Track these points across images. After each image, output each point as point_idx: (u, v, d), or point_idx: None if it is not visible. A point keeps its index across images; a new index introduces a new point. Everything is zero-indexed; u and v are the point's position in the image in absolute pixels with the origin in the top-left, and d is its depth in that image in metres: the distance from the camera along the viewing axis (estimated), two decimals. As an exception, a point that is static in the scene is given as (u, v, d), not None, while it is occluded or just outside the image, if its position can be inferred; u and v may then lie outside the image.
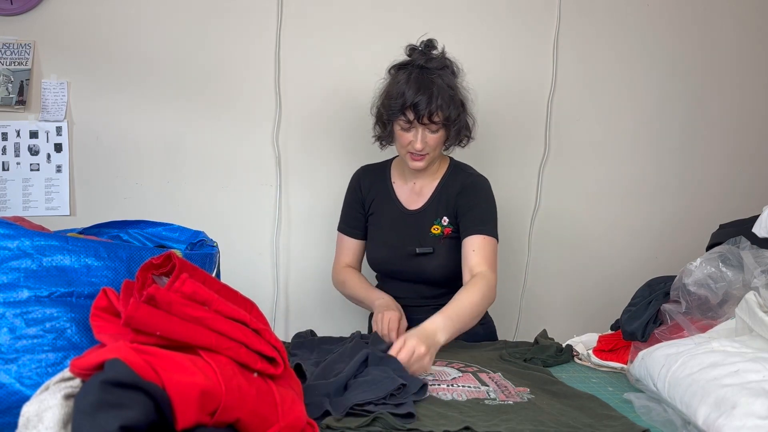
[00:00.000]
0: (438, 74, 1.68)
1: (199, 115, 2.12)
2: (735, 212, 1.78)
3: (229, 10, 2.11)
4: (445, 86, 1.67)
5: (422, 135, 1.69)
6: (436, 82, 1.66)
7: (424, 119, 1.65)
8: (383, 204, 1.84)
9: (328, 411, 1.14)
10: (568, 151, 2.33)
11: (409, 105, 1.65)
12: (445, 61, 1.72)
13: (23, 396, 0.93)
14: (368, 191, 1.87)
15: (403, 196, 1.84)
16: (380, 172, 1.89)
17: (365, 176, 1.89)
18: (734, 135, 2.43)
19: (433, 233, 1.77)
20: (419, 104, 1.64)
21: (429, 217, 1.79)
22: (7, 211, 2.03)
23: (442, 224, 1.77)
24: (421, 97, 1.64)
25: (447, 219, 1.77)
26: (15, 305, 0.98)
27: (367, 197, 1.87)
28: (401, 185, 1.85)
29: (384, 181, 1.86)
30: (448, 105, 1.66)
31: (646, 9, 2.33)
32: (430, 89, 1.64)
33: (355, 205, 1.88)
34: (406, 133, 1.71)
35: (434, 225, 1.77)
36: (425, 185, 1.82)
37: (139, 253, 1.05)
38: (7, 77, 2.02)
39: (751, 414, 1.03)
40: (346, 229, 1.91)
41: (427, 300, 1.79)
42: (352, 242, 1.90)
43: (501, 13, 2.25)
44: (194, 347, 0.88)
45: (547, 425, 1.14)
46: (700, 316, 1.42)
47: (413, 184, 1.83)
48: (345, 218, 1.91)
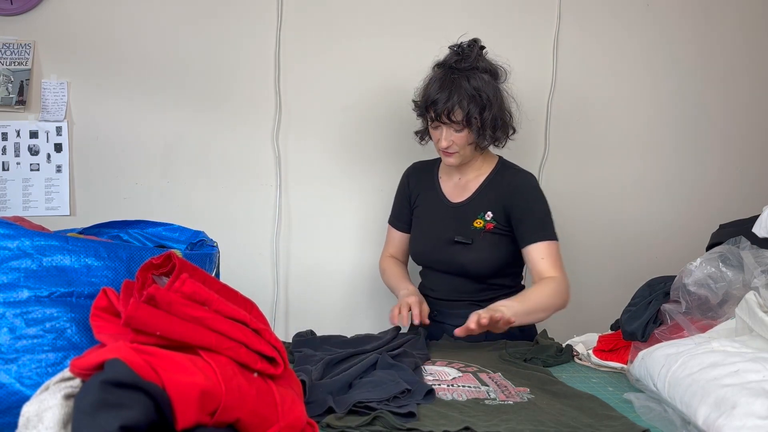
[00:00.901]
0: (465, 75, 1.72)
1: (199, 114, 2.12)
2: (735, 212, 1.78)
3: (229, 10, 2.11)
4: (469, 86, 1.71)
5: (447, 133, 1.75)
6: (459, 82, 1.71)
7: (442, 117, 1.72)
8: (429, 197, 1.91)
9: (331, 408, 1.14)
10: (568, 151, 2.33)
11: (429, 103, 1.74)
12: (477, 62, 1.74)
13: (23, 396, 0.93)
14: (415, 186, 1.95)
15: (448, 189, 1.89)
16: (429, 168, 1.96)
17: (414, 172, 1.98)
18: (734, 135, 2.43)
19: (474, 226, 1.81)
20: (437, 102, 1.71)
21: (472, 210, 1.83)
22: (7, 211, 2.03)
23: (485, 219, 1.80)
24: (439, 96, 1.71)
25: (491, 214, 1.80)
26: (15, 305, 0.98)
27: (413, 192, 1.95)
28: (446, 180, 1.91)
29: (431, 176, 1.94)
30: (467, 104, 1.70)
31: (646, 9, 2.33)
32: (449, 88, 1.70)
33: (402, 200, 1.98)
34: (435, 131, 1.80)
35: (477, 219, 1.81)
36: (470, 180, 1.87)
37: (139, 253, 1.05)
38: (7, 77, 2.02)
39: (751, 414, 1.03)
40: (393, 222, 2.00)
41: (463, 295, 1.83)
42: (398, 234, 2.00)
43: (501, 13, 2.25)
44: (194, 347, 0.88)
45: (547, 425, 1.14)
46: (700, 316, 1.42)
47: (458, 179, 1.89)
48: (394, 211, 2.01)
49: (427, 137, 1.91)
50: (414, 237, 1.94)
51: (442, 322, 1.83)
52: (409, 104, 1.95)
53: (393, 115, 2.20)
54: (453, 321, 1.80)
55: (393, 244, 2.02)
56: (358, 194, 2.23)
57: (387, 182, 2.17)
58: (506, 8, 2.25)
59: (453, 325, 1.77)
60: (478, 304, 1.74)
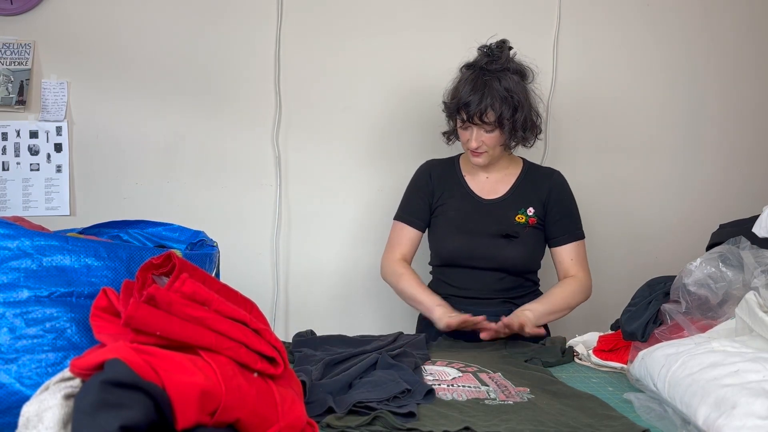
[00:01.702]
0: (496, 76, 1.74)
1: (199, 114, 2.12)
2: (735, 212, 1.78)
3: (229, 10, 2.11)
4: (501, 88, 1.73)
5: (477, 134, 1.77)
6: (490, 84, 1.73)
7: (475, 119, 1.73)
8: (455, 195, 1.89)
9: (331, 408, 1.14)
10: (568, 151, 2.33)
11: (461, 105, 1.74)
12: (508, 63, 1.77)
13: (23, 396, 0.93)
14: (438, 183, 1.91)
15: (477, 187, 1.89)
16: (449, 166, 1.94)
17: (435, 169, 1.94)
18: (734, 135, 2.43)
19: (517, 221, 1.82)
20: (470, 104, 1.73)
21: (512, 206, 1.85)
22: (7, 211, 2.03)
23: (528, 214, 1.83)
24: (472, 97, 1.73)
25: (533, 209, 1.83)
26: (15, 305, 0.98)
27: (437, 189, 1.90)
28: (472, 178, 1.90)
29: (454, 174, 1.92)
30: (500, 106, 1.72)
31: (646, 9, 2.33)
32: (482, 90, 1.72)
33: (422, 195, 1.91)
34: (464, 132, 1.81)
35: (519, 214, 1.83)
36: (499, 179, 1.89)
37: (139, 253, 1.05)
38: (7, 77, 2.02)
39: (751, 414, 1.03)
40: (407, 219, 1.92)
41: (496, 293, 1.83)
42: (411, 232, 1.91)
43: (501, 13, 2.25)
44: (194, 347, 0.87)
45: (547, 425, 1.14)
46: (700, 316, 1.42)
47: (485, 177, 1.89)
48: (407, 208, 1.93)
49: (453, 137, 1.92)
50: (444, 234, 1.87)
51: None
52: (409, 104, 1.96)
53: (393, 115, 2.21)
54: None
55: (405, 243, 1.91)
56: (358, 194, 2.23)
57: (387, 182, 2.17)
58: (506, 8, 2.25)
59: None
60: (511, 302, 1.83)
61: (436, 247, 1.91)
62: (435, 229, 1.90)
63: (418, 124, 2.21)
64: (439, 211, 1.89)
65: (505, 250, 1.81)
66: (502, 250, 1.81)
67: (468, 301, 1.84)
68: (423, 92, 2.19)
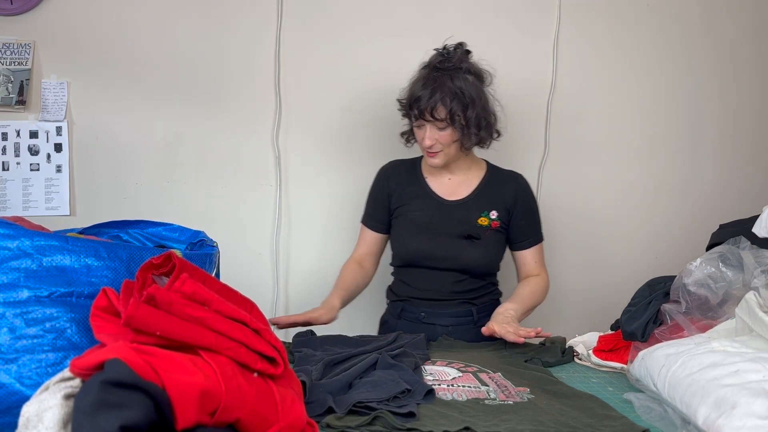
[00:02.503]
0: (449, 74, 1.74)
1: (199, 114, 2.12)
2: (735, 212, 1.78)
3: (229, 10, 2.11)
4: (452, 85, 1.73)
5: (430, 132, 1.76)
6: (442, 80, 1.73)
7: (426, 115, 1.73)
8: (416, 196, 1.88)
9: (331, 408, 1.14)
10: (568, 151, 2.33)
11: (413, 100, 1.75)
12: (461, 63, 1.77)
13: (23, 396, 0.93)
14: (397, 185, 1.90)
15: (440, 188, 1.88)
16: (410, 167, 1.93)
17: (394, 171, 1.94)
18: (734, 135, 2.43)
19: (479, 223, 1.82)
20: (420, 99, 1.73)
21: (475, 208, 1.84)
22: (7, 211, 2.03)
23: (491, 217, 1.83)
24: (423, 93, 1.73)
25: (496, 213, 1.84)
26: (15, 305, 0.98)
27: (395, 191, 1.90)
28: (434, 179, 1.90)
29: (415, 175, 1.91)
30: (450, 101, 1.72)
31: (646, 9, 2.33)
32: (432, 86, 1.72)
33: (380, 199, 1.92)
34: (419, 131, 1.80)
35: (481, 216, 1.83)
36: (462, 181, 1.88)
37: (139, 253, 1.05)
38: (7, 77, 2.02)
39: (751, 414, 1.03)
40: (368, 222, 1.95)
41: (456, 294, 1.83)
42: (371, 235, 1.94)
43: (501, 13, 2.25)
44: (194, 347, 0.87)
45: (547, 425, 1.14)
46: (700, 316, 1.42)
47: (448, 179, 1.89)
48: (368, 211, 1.96)
49: (412, 139, 1.90)
50: (405, 235, 1.87)
51: (433, 324, 1.83)
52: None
53: (393, 115, 2.20)
54: (444, 321, 1.82)
55: (363, 244, 1.96)
56: (358, 194, 2.22)
57: (387, 182, 2.16)
58: (506, 8, 2.25)
59: (444, 327, 1.79)
60: (471, 302, 1.84)
61: (398, 247, 1.90)
62: (396, 230, 1.90)
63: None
64: (399, 212, 1.89)
65: (466, 251, 1.81)
66: (463, 251, 1.81)
67: (427, 302, 1.84)
68: (423, 92, 2.19)
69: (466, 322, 1.85)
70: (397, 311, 1.89)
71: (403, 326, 1.82)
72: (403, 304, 1.88)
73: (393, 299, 1.94)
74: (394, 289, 1.94)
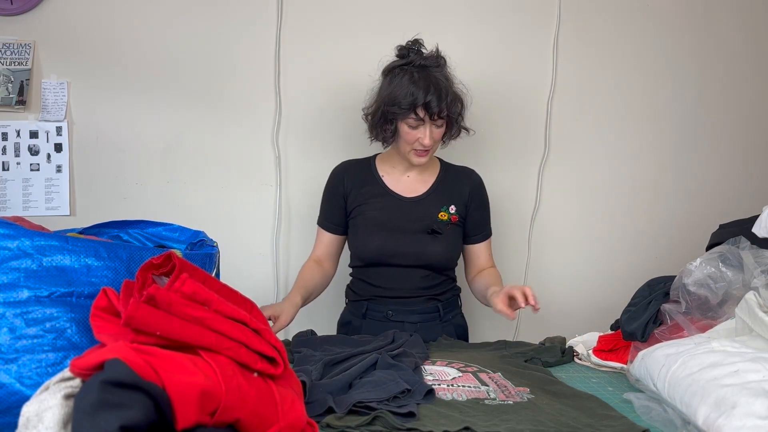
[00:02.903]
0: (437, 71, 1.75)
1: (199, 114, 2.12)
2: (735, 212, 1.78)
3: (229, 10, 2.11)
4: (448, 84, 1.75)
5: (430, 131, 1.75)
6: (440, 80, 1.74)
7: (434, 117, 1.73)
8: (373, 195, 1.86)
9: (331, 408, 1.14)
10: (568, 151, 2.33)
11: (420, 104, 1.71)
12: (439, 59, 1.78)
13: (23, 396, 0.93)
14: (352, 185, 1.88)
15: (397, 186, 1.88)
16: (364, 167, 1.92)
17: (348, 170, 1.91)
18: (734, 135, 2.43)
19: (440, 218, 1.83)
20: (431, 103, 1.71)
21: (434, 203, 1.85)
22: (7, 211, 2.03)
23: (450, 212, 1.84)
24: (432, 96, 1.71)
25: (455, 207, 1.85)
26: (15, 305, 0.98)
27: (351, 191, 1.88)
28: (390, 178, 1.89)
29: (370, 174, 1.90)
30: (454, 101, 1.75)
31: (646, 9, 2.33)
32: (438, 88, 1.72)
33: (335, 200, 1.90)
34: (414, 131, 1.76)
35: (441, 211, 1.84)
36: (418, 177, 1.89)
37: (139, 253, 1.05)
38: (7, 77, 2.02)
39: (751, 414, 1.03)
40: (324, 224, 1.93)
41: (420, 290, 1.83)
42: (327, 236, 1.92)
43: (501, 13, 2.25)
44: (194, 347, 0.88)
45: (547, 425, 1.14)
46: (700, 316, 1.42)
47: (406, 176, 1.89)
48: (324, 212, 1.93)
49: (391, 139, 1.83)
50: (365, 233, 1.83)
51: (401, 321, 1.82)
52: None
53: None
54: (412, 318, 1.82)
55: (319, 246, 1.93)
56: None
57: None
58: (506, 8, 2.25)
59: (412, 324, 1.79)
60: (436, 298, 1.84)
61: (357, 247, 1.87)
62: (355, 230, 1.87)
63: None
64: (356, 211, 1.87)
65: (429, 247, 1.81)
66: (426, 246, 1.80)
67: (393, 300, 1.83)
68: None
69: (432, 318, 1.84)
70: (362, 311, 1.86)
71: (369, 326, 1.81)
72: (368, 303, 1.85)
73: (355, 299, 1.90)
74: (354, 288, 1.91)
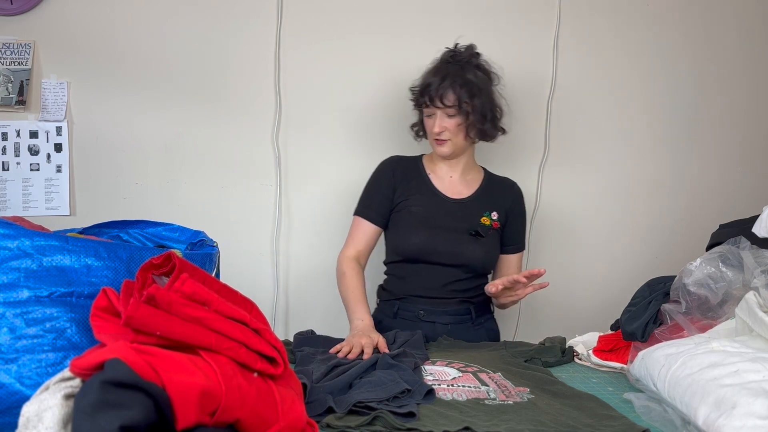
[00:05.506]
0: (459, 65, 1.83)
1: (198, 115, 2.12)
2: (735, 212, 1.78)
3: (229, 10, 2.11)
4: (462, 74, 1.80)
5: (440, 119, 1.81)
6: (452, 70, 1.81)
7: (436, 101, 1.79)
8: (420, 191, 1.89)
9: (331, 408, 1.14)
10: (568, 151, 2.33)
11: (423, 87, 1.82)
12: (471, 58, 1.85)
13: (23, 396, 0.93)
14: (402, 179, 1.90)
15: (442, 186, 1.91)
16: (412, 164, 1.95)
17: (399, 164, 1.94)
18: (734, 135, 2.43)
19: (482, 223, 1.86)
20: (431, 85, 1.80)
21: (478, 207, 1.88)
22: (7, 211, 2.03)
23: (492, 218, 1.88)
24: (433, 79, 1.80)
25: (497, 215, 1.89)
26: (15, 305, 0.98)
27: (400, 184, 1.89)
28: (437, 178, 1.92)
29: (418, 172, 1.93)
30: (459, 87, 1.79)
31: (646, 9, 2.33)
32: (443, 74, 1.80)
33: (384, 191, 1.90)
34: (429, 119, 1.85)
35: (484, 216, 1.87)
36: (464, 182, 1.92)
37: (139, 253, 1.05)
38: (7, 77, 2.02)
39: (751, 414, 1.03)
40: (366, 213, 1.89)
41: (455, 293, 1.83)
42: (370, 228, 1.89)
43: (501, 13, 2.25)
44: (194, 347, 0.88)
45: (547, 425, 1.14)
46: (700, 316, 1.42)
47: (450, 177, 1.92)
48: (368, 202, 1.91)
49: (422, 132, 1.95)
50: (408, 228, 1.83)
51: (432, 322, 1.82)
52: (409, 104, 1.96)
53: (393, 115, 2.20)
54: (443, 319, 1.82)
55: (361, 238, 1.87)
56: (357, 194, 2.22)
57: (387, 182, 2.16)
58: (506, 8, 2.25)
59: (444, 325, 1.79)
60: (469, 301, 1.84)
61: (398, 242, 1.86)
62: (397, 224, 1.87)
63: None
64: (402, 206, 1.87)
65: (470, 248, 1.82)
66: (467, 246, 1.82)
67: (425, 300, 1.83)
68: (423, 92, 2.19)
69: (464, 320, 1.84)
70: (393, 310, 1.86)
71: (399, 325, 1.81)
72: (400, 303, 1.86)
73: (386, 298, 1.91)
74: (387, 287, 1.92)
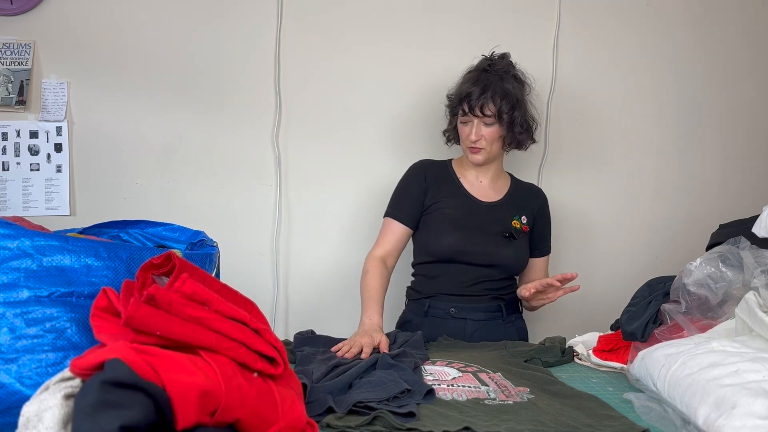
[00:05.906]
0: (498, 76, 1.85)
1: (199, 114, 2.12)
2: (735, 212, 1.78)
3: (229, 10, 2.11)
4: (502, 85, 1.83)
5: (477, 127, 1.83)
6: (492, 80, 1.83)
7: (476, 110, 1.81)
8: (451, 194, 1.91)
9: (331, 408, 1.14)
10: (568, 151, 2.33)
11: (463, 96, 1.84)
12: (508, 68, 1.88)
13: (23, 396, 0.93)
14: (434, 181, 1.93)
15: (472, 189, 1.93)
16: (443, 167, 1.98)
17: (430, 168, 1.97)
18: (734, 135, 2.43)
19: (513, 225, 1.89)
20: (471, 95, 1.82)
21: (509, 210, 1.92)
22: (7, 211, 2.03)
23: (521, 221, 1.91)
24: (474, 89, 1.82)
25: (526, 218, 1.92)
26: (15, 305, 0.98)
27: (431, 187, 1.92)
28: (467, 181, 1.95)
29: (449, 175, 1.96)
30: (500, 99, 1.81)
31: (646, 9, 2.33)
32: (484, 84, 1.82)
33: (416, 193, 1.92)
34: (465, 126, 1.87)
35: (514, 219, 1.90)
36: (493, 186, 1.96)
37: (139, 253, 1.05)
38: (7, 77, 2.02)
39: (751, 414, 1.03)
40: (397, 215, 1.91)
41: (485, 290, 1.86)
42: (400, 229, 1.90)
43: (501, 13, 2.25)
44: (194, 347, 0.88)
45: (547, 425, 1.14)
46: (700, 316, 1.42)
47: (480, 182, 1.95)
48: (399, 205, 1.93)
49: (453, 138, 1.98)
50: (441, 230, 1.85)
51: (464, 318, 1.84)
52: (409, 104, 1.96)
53: (393, 115, 2.21)
54: (474, 316, 1.83)
55: (390, 239, 1.88)
56: (358, 194, 2.23)
57: (387, 182, 2.16)
58: (506, 8, 2.25)
59: (475, 321, 1.81)
60: (500, 297, 1.88)
61: (430, 243, 1.87)
62: (429, 226, 1.88)
63: (419, 124, 2.21)
64: (433, 208, 1.89)
65: (504, 249, 1.85)
66: (500, 248, 1.85)
67: (456, 297, 1.85)
68: (423, 92, 2.19)
69: (495, 317, 1.87)
70: (424, 308, 1.87)
71: (430, 323, 1.83)
72: (430, 301, 1.87)
73: (416, 297, 1.92)
74: (416, 287, 1.93)
